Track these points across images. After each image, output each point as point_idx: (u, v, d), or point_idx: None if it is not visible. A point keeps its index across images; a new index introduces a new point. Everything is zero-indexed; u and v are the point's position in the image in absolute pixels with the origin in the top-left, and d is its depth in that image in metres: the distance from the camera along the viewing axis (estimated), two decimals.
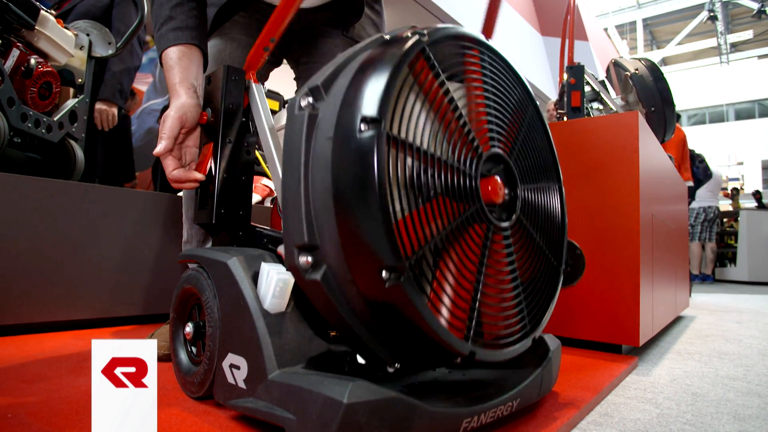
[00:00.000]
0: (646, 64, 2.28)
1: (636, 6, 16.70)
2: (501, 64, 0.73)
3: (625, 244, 1.27)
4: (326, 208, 0.55)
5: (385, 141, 0.52)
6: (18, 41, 1.48)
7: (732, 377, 1.17)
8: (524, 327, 0.69)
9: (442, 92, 0.61)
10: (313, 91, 0.62)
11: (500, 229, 0.66)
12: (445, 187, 0.58)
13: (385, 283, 0.52)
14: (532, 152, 0.77)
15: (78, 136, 1.70)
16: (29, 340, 1.21)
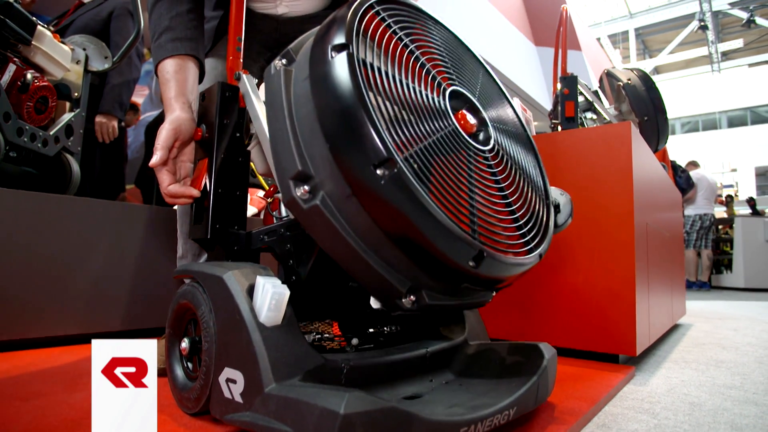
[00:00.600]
0: (638, 74, 2.31)
1: (628, 16, 16.91)
2: (447, 31, 0.81)
3: (620, 254, 1.28)
4: (314, 133, 0.58)
5: (355, 60, 0.57)
6: (14, 56, 1.48)
7: (729, 386, 1.17)
8: (527, 243, 0.70)
9: (396, 39, 0.67)
10: (284, 55, 0.69)
11: (480, 151, 0.69)
12: (419, 106, 0.62)
13: (381, 181, 0.53)
14: (493, 101, 0.81)
15: (74, 150, 1.70)
16: (24, 356, 1.20)
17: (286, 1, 1.13)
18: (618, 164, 1.31)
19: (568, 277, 1.35)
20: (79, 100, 1.76)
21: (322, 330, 0.88)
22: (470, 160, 0.66)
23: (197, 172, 0.87)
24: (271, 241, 0.80)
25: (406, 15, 0.73)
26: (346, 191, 0.57)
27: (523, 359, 0.79)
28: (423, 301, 0.62)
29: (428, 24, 0.77)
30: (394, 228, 0.57)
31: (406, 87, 0.62)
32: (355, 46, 0.59)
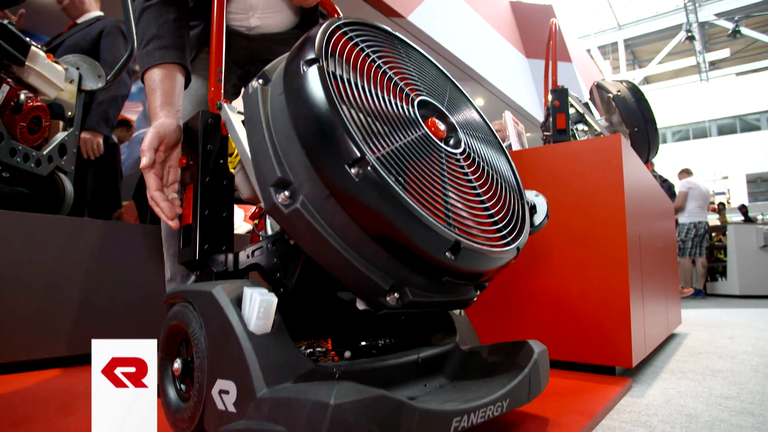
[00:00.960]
0: (627, 86, 2.34)
1: (617, 27, 17.18)
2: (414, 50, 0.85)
3: (613, 266, 1.28)
4: (290, 140, 0.61)
5: (325, 72, 0.61)
6: (8, 77, 1.49)
7: (726, 396, 1.17)
8: (504, 237, 0.71)
9: (363, 55, 0.70)
10: (261, 76, 0.73)
11: (452, 154, 0.71)
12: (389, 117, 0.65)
13: (355, 179, 0.56)
14: (462, 109, 0.83)
15: (67, 169, 1.69)
16: (15, 380, 1.18)
17: (258, 13, 1.15)
18: (609, 176, 1.32)
19: (562, 289, 1.36)
20: (72, 119, 1.76)
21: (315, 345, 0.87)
22: (442, 162, 0.68)
23: (186, 201, 0.88)
24: (257, 258, 0.81)
25: (373, 35, 0.76)
26: (323, 192, 0.59)
27: (513, 356, 0.81)
28: (407, 298, 0.63)
29: (395, 43, 0.81)
30: (372, 224, 0.59)
31: (375, 96, 0.65)
32: (324, 60, 0.62)
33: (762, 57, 15.86)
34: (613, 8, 16.31)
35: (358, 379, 0.71)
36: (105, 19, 2.31)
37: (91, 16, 2.32)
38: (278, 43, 1.20)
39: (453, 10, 5.06)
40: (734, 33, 14.32)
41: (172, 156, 0.91)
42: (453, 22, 4.99)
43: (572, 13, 16.27)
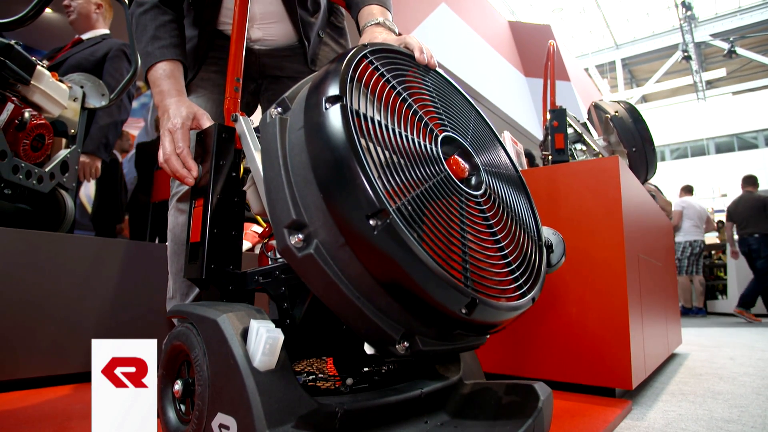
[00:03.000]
0: (625, 106, 2.37)
1: (614, 47, 17.40)
2: (441, 78, 0.85)
3: (612, 286, 1.28)
4: (308, 182, 0.60)
5: (348, 112, 0.59)
6: (13, 95, 1.51)
7: (727, 419, 1.17)
8: (520, 287, 0.71)
9: (389, 87, 0.69)
10: (280, 104, 0.71)
11: (473, 196, 0.70)
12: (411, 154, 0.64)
13: (374, 231, 0.54)
14: (485, 144, 0.83)
15: (69, 186, 1.70)
16: (11, 397, 1.18)
17: (257, 23, 1.16)
18: (607, 197, 1.33)
19: (562, 310, 1.36)
20: (75, 137, 1.78)
21: (316, 368, 0.87)
22: (462, 206, 0.67)
23: (194, 216, 0.87)
24: (265, 283, 0.81)
25: (398, 63, 0.75)
26: (339, 240, 0.58)
27: (518, 400, 0.79)
28: (416, 347, 0.63)
29: (420, 70, 0.80)
30: (387, 276, 0.57)
31: (398, 135, 0.64)
32: (348, 98, 0.61)
33: (758, 77, 16.05)
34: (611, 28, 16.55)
35: (360, 417, 0.70)
36: (110, 39, 2.33)
37: (97, 33, 2.34)
38: (286, 59, 1.21)
39: (453, 29, 5.14)
40: (730, 53, 14.50)
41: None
42: (453, 42, 5.06)
43: (570, 32, 16.50)
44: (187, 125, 0.91)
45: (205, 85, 1.17)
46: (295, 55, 1.21)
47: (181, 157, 0.88)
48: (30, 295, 1.31)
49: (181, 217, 1.12)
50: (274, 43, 1.20)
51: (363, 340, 0.66)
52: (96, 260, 1.48)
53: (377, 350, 0.65)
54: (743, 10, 14.89)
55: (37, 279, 1.33)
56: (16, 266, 1.30)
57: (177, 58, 1.01)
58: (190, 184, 0.88)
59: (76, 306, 1.41)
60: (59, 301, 1.37)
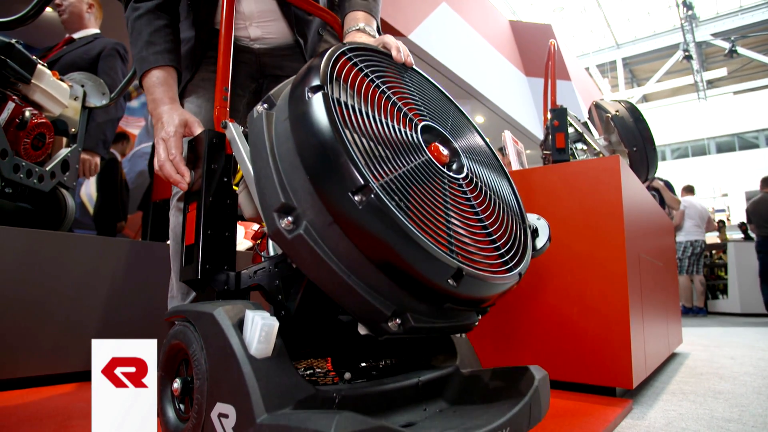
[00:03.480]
0: (625, 105, 2.36)
1: (615, 46, 17.39)
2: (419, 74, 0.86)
3: (613, 286, 1.28)
4: (294, 167, 0.62)
5: (330, 100, 0.62)
6: (13, 94, 1.51)
7: (727, 419, 1.17)
8: (506, 263, 0.72)
9: (367, 81, 0.71)
10: (266, 101, 0.73)
11: (454, 179, 0.71)
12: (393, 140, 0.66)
13: (359, 206, 0.56)
14: (465, 133, 0.85)
15: (69, 185, 1.71)
16: (12, 396, 1.18)
17: (255, 22, 1.16)
18: (608, 197, 1.33)
19: (563, 310, 1.35)
20: (76, 136, 1.78)
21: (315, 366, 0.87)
22: (445, 187, 0.69)
23: (188, 219, 0.88)
24: (259, 279, 0.81)
25: (376, 60, 0.78)
26: (327, 219, 0.60)
27: (514, 382, 0.80)
28: (408, 324, 0.64)
29: (398, 67, 0.83)
30: (375, 251, 0.59)
31: (379, 122, 0.66)
32: (329, 88, 0.64)
33: (759, 76, 16.03)
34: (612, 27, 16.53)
35: (358, 403, 0.71)
36: (103, 38, 2.35)
37: (89, 32, 2.37)
38: (285, 58, 1.22)
39: (453, 29, 5.14)
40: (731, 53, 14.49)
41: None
42: (453, 41, 5.06)
43: (571, 32, 16.49)
44: (180, 132, 0.93)
45: (205, 85, 1.18)
46: (294, 54, 1.21)
47: (174, 164, 0.90)
48: (31, 293, 1.31)
49: (182, 217, 1.12)
50: (274, 41, 1.20)
51: (355, 319, 0.67)
52: (98, 259, 1.49)
53: (370, 329, 0.66)
54: (744, 10, 14.87)
55: (39, 278, 1.34)
56: (18, 265, 1.30)
57: (171, 64, 1.03)
58: (183, 189, 0.90)
59: (77, 305, 1.41)
60: (60, 299, 1.38)
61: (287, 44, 1.21)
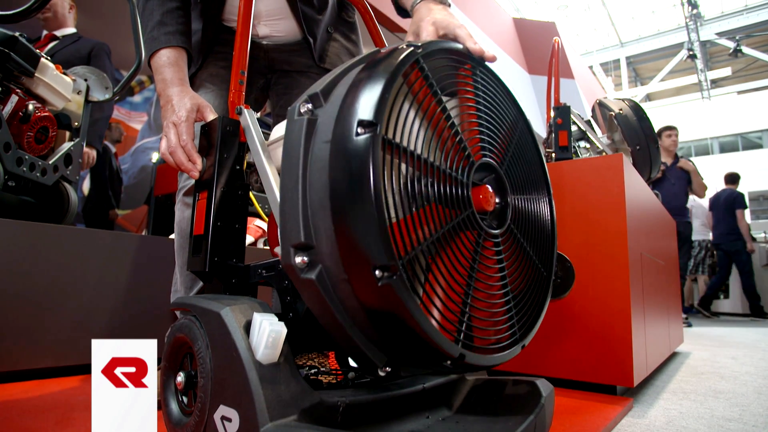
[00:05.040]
0: (629, 104, 2.36)
1: (619, 45, 17.33)
2: (493, 79, 0.77)
3: (615, 286, 1.28)
4: (323, 207, 0.58)
5: (380, 144, 0.55)
6: (17, 87, 1.51)
7: (728, 418, 1.17)
8: (514, 334, 0.71)
9: (435, 102, 0.64)
10: (312, 98, 0.65)
11: (491, 236, 0.68)
12: (438, 192, 0.61)
13: (378, 282, 0.54)
14: (523, 164, 0.81)
15: (72, 179, 1.71)
16: (14, 388, 1.18)
17: (264, 20, 1.15)
18: (611, 195, 1.33)
19: (565, 307, 1.35)
20: (78, 130, 1.78)
21: (318, 363, 0.87)
22: (476, 248, 0.66)
23: (198, 209, 0.88)
24: (269, 277, 0.81)
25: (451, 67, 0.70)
26: (342, 275, 0.57)
27: (520, 396, 0.79)
28: (398, 372, 0.65)
29: (475, 73, 0.74)
30: (382, 319, 0.58)
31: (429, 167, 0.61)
32: (384, 125, 0.56)
33: (763, 76, 15.96)
34: (616, 26, 16.47)
35: (362, 411, 0.70)
36: (86, 38, 2.47)
37: (68, 31, 2.47)
38: (294, 54, 1.21)
39: None
40: (735, 52, 14.43)
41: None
42: None
43: (575, 30, 16.43)
44: (191, 118, 0.91)
45: (214, 80, 1.16)
46: (303, 50, 1.20)
47: (185, 150, 0.88)
48: (35, 286, 1.32)
49: (187, 211, 1.12)
50: (282, 39, 1.19)
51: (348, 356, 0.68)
52: (105, 253, 1.49)
53: (362, 369, 0.68)
54: (749, 9, 14.80)
55: (42, 270, 1.34)
56: (21, 257, 1.30)
57: (182, 46, 1.00)
58: (195, 177, 0.88)
59: (82, 298, 1.41)
60: (64, 293, 1.38)
61: (296, 41, 1.21)
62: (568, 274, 0.83)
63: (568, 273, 0.82)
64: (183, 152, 0.88)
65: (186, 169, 0.87)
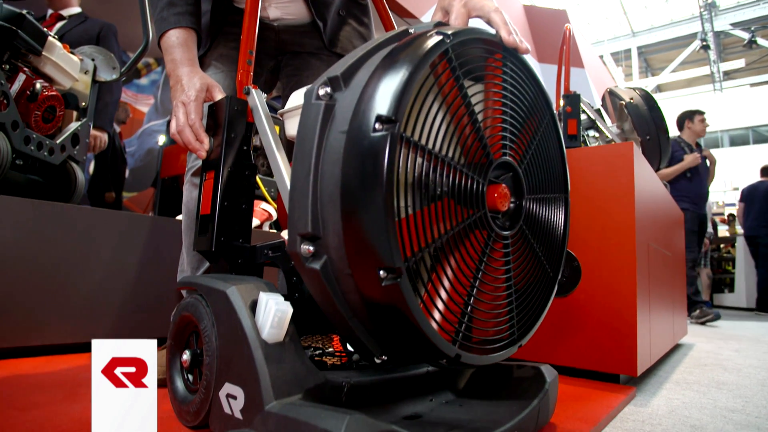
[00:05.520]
0: (640, 93, 2.33)
1: (631, 34, 17.06)
2: (523, 70, 0.74)
3: (621, 274, 1.27)
4: (332, 201, 0.57)
5: (397, 142, 0.53)
6: (24, 66, 1.51)
7: (731, 409, 1.16)
8: (512, 335, 0.71)
9: (460, 96, 0.62)
10: (332, 81, 0.62)
11: (501, 237, 0.68)
12: (452, 190, 0.60)
13: (381, 282, 0.54)
14: (543, 162, 0.79)
15: (79, 159, 1.71)
16: (23, 364, 1.20)
17: (275, 3, 1.14)
18: (620, 184, 1.32)
19: (570, 296, 1.35)
20: (86, 110, 1.78)
21: (323, 344, 0.87)
22: (485, 249, 0.66)
23: (205, 189, 0.88)
24: (275, 257, 0.81)
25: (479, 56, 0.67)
26: (346, 270, 0.58)
27: (524, 381, 0.79)
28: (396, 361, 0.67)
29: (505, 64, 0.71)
30: (383, 315, 0.59)
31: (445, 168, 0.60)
32: (403, 123, 0.54)
33: None
34: (628, 15, 16.20)
35: (366, 392, 0.71)
36: (93, 18, 2.44)
37: (74, 11, 2.44)
38: (305, 35, 1.19)
39: None
40: (750, 43, 14.17)
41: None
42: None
43: (586, 18, 16.18)
44: (200, 97, 0.91)
45: (224, 61, 1.16)
46: (314, 32, 1.19)
47: (193, 129, 0.88)
48: (40, 263, 1.33)
49: (195, 192, 1.12)
50: (293, 21, 1.18)
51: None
52: (112, 233, 1.49)
53: (361, 357, 0.69)
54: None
55: (48, 248, 1.35)
56: (28, 235, 1.31)
57: (191, 26, 1.00)
58: (202, 156, 0.88)
59: (89, 276, 1.42)
60: (69, 270, 1.39)
61: (307, 23, 1.19)
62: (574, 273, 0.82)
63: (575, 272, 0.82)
64: (191, 131, 0.88)
65: (193, 149, 0.88)
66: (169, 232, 1.63)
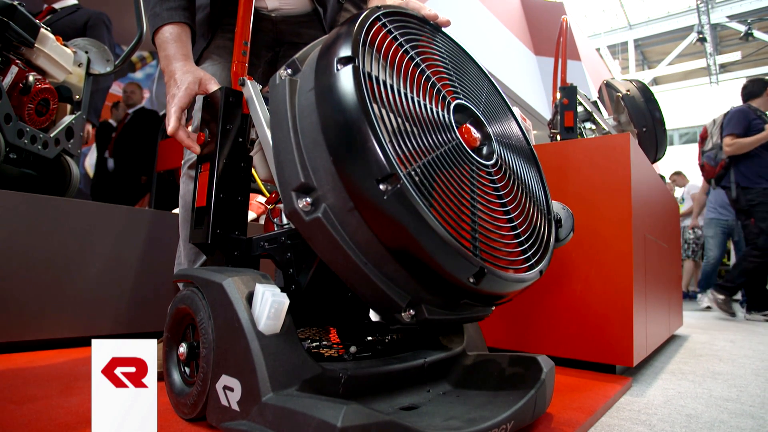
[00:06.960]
0: (637, 85, 2.32)
1: (627, 27, 17.02)
2: (452, 42, 0.83)
3: (618, 265, 1.28)
4: (317, 144, 0.59)
5: (361, 73, 0.58)
6: (17, 58, 1.49)
7: (726, 398, 1.17)
8: (528, 259, 0.70)
9: (402, 51, 0.67)
10: (290, 65, 0.69)
11: (483, 166, 0.69)
12: (421, 124, 0.62)
13: (383, 196, 0.53)
14: (499, 114, 0.82)
15: (74, 152, 1.70)
16: (19, 358, 1.20)
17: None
18: (617, 175, 1.32)
19: (567, 287, 1.35)
20: (80, 103, 1.76)
21: (320, 336, 0.87)
22: (473, 175, 0.66)
23: (200, 181, 0.87)
24: (271, 249, 0.80)
25: (412, 27, 0.73)
26: (348, 205, 0.57)
27: (521, 372, 0.79)
28: (422, 315, 0.63)
29: (434, 36, 0.78)
30: (396, 243, 0.57)
31: (410, 101, 0.63)
32: (360, 59, 0.59)
33: None
34: (624, 7, 16.16)
35: (363, 383, 0.71)
36: (85, 8, 2.39)
37: (69, 3, 2.40)
38: (303, 25, 1.19)
39: (462, 5, 5.03)
40: (746, 36, 14.15)
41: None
42: (462, 17, 4.96)
43: (583, 11, 16.13)
44: (191, 89, 0.91)
45: (221, 52, 1.16)
46: (312, 22, 1.19)
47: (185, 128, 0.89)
48: (35, 258, 1.32)
49: (191, 184, 1.11)
50: (292, 11, 1.17)
51: (369, 306, 0.66)
52: (108, 226, 1.48)
53: (382, 317, 0.65)
54: None
55: (44, 242, 1.34)
56: (23, 229, 1.30)
57: (184, 21, 1.00)
58: (196, 152, 0.88)
59: (85, 271, 1.42)
60: (64, 264, 1.38)
61: (306, 12, 1.19)
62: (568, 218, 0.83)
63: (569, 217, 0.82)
64: (184, 129, 0.88)
65: (187, 145, 0.88)
66: (166, 225, 1.62)
